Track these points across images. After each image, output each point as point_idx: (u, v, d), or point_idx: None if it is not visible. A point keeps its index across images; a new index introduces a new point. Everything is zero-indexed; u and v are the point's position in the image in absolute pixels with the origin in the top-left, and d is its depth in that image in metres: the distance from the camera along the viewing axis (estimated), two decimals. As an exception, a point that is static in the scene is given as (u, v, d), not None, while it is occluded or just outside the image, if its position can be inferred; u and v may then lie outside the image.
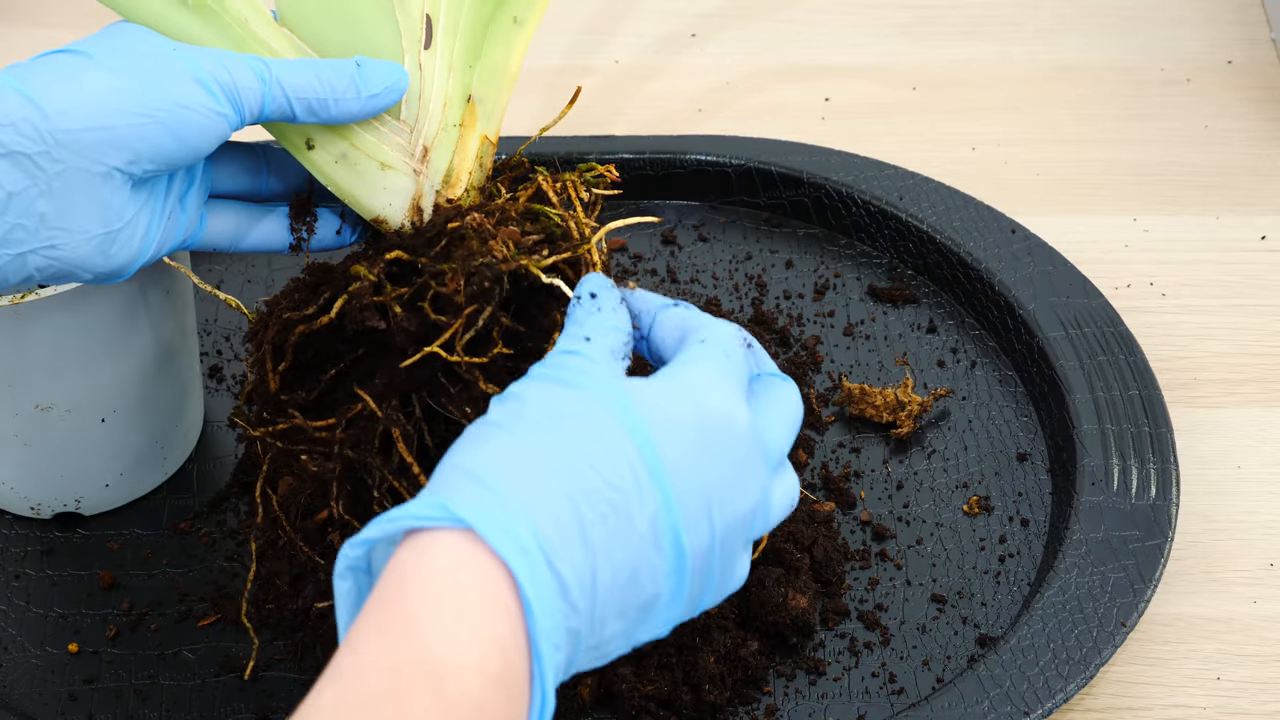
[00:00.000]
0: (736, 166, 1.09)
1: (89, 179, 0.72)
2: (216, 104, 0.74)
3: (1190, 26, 1.25)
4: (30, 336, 0.85)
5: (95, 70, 0.73)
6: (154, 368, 0.90)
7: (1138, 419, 0.94)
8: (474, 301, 0.76)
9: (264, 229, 0.82)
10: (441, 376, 0.78)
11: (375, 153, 0.79)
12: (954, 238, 1.04)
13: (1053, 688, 0.83)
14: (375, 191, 0.79)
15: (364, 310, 0.77)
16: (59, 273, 0.75)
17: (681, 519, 0.64)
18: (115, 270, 0.76)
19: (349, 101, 0.76)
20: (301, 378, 0.82)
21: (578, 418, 0.65)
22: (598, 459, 0.63)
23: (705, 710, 0.84)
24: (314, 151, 0.79)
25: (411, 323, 0.77)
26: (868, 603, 0.89)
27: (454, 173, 0.80)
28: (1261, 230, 1.10)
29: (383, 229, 0.80)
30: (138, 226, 0.76)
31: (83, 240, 0.74)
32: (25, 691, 0.86)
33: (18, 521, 0.93)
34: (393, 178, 0.79)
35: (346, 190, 0.79)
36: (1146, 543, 0.88)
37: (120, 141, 0.72)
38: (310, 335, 0.80)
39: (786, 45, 1.25)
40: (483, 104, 0.81)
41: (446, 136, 0.80)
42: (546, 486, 0.62)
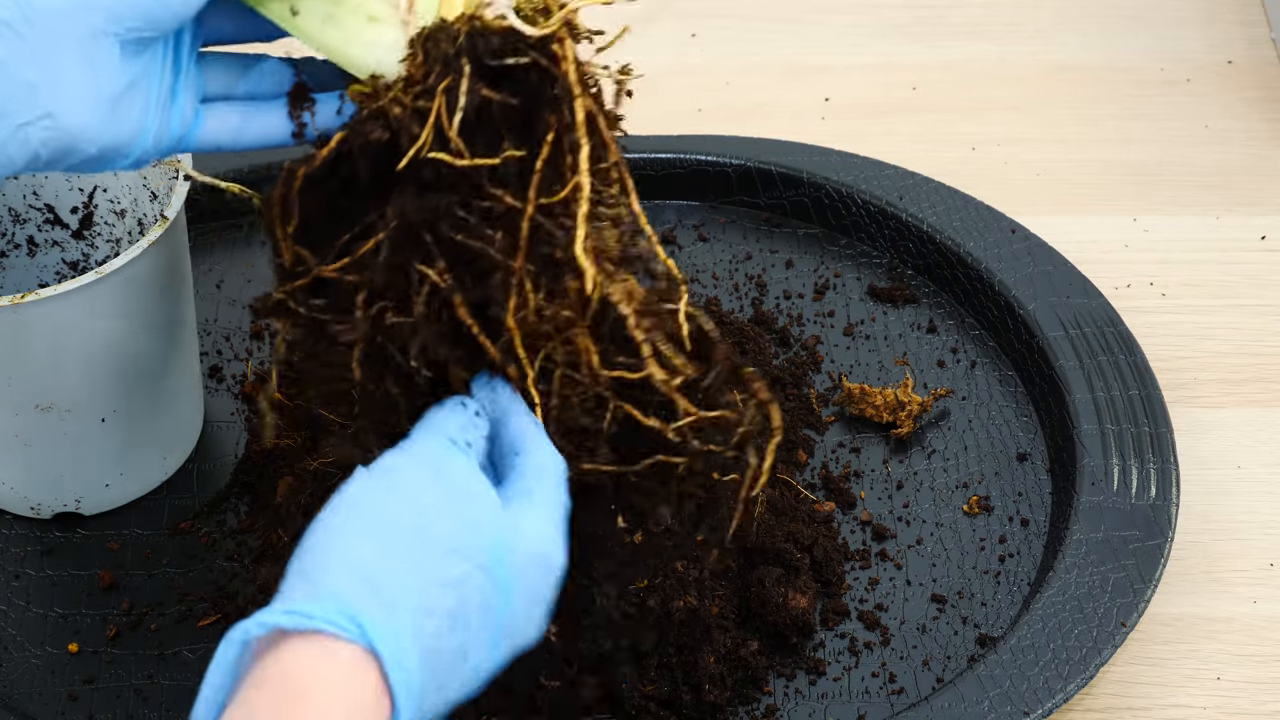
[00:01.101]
0: (736, 166, 1.09)
1: (74, 42, 0.71)
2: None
3: (1190, 26, 1.25)
4: (30, 336, 0.85)
5: None
6: (154, 368, 0.90)
7: (1138, 419, 0.94)
8: (444, 75, 0.74)
9: (262, 121, 0.80)
10: (459, 209, 0.75)
11: (360, 7, 0.76)
12: (954, 238, 1.04)
13: (1053, 688, 0.83)
14: (364, 46, 0.77)
15: (364, 124, 0.75)
16: (62, 146, 0.73)
17: (511, 630, 0.71)
18: (119, 144, 0.75)
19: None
20: (320, 248, 0.78)
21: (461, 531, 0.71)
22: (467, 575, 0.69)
23: (705, 710, 0.84)
24: (299, 17, 0.77)
25: (414, 122, 0.74)
26: (868, 603, 0.89)
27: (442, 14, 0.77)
28: (1261, 230, 1.10)
29: (378, 85, 0.77)
30: (134, 98, 0.74)
31: (79, 106, 0.72)
32: (25, 691, 0.86)
33: (18, 521, 0.93)
34: (381, 30, 0.77)
35: (337, 50, 0.77)
36: (1146, 543, 0.88)
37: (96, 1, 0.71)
38: (320, 192, 0.77)
39: (786, 45, 1.25)
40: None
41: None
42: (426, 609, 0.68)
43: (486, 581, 0.70)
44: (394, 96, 0.75)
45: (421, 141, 0.74)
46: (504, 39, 0.75)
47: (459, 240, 0.76)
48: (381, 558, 0.68)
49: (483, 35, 0.75)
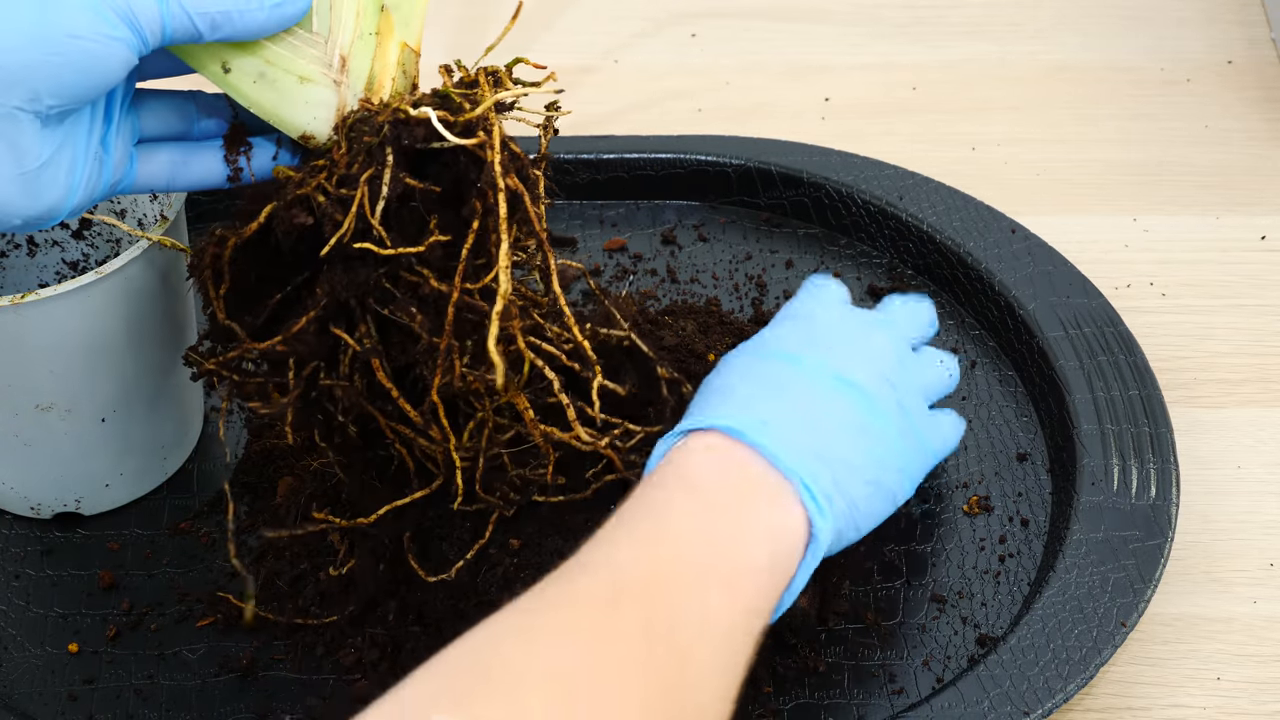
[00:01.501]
0: (736, 166, 1.09)
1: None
2: (111, 29, 0.71)
3: (1190, 26, 1.25)
4: (30, 336, 0.85)
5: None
6: (154, 367, 0.90)
7: (1138, 419, 0.94)
8: (369, 165, 0.75)
9: (198, 165, 0.80)
10: (386, 282, 0.77)
11: (292, 67, 0.77)
12: (954, 238, 1.04)
13: (1053, 688, 0.83)
14: (297, 106, 0.77)
15: (290, 208, 0.76)
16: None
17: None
18: (44, 213, 0.74)
19: (253, 12, 0.75)
20: (251, 307, 0.80)
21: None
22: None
23: (705, 710, 0.84)
24: (231, 75, 0.77)
25: (337, 210, 0.75)
26: (868, 603, 0.89)
27: (376, 79, 0.78)
28: (1261, 230, 1.10)
29: (311, 145, 0.78)
30: (59, 166, 0.74)
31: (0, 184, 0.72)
32: (25, 691, 0.86)
33: (18, 521, 0.93)
34: (314, 90, 0.77)
35: (270, 110, 0.77)
36: (1146, 543, 0.88)
37: (14, 80, 0.70)
38: (250, 255, 0.78)
39: (786, 45, 1.25)
40: (398, 10, 0.79)
41: (364, 44, 0.78)
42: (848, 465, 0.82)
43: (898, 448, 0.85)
44: (318, 184, 0.75)
45: (344, 229, 0.75)
46: (428, 128, 0.76)
47: (386, 315, 0.77)
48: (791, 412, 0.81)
49: (406, 125, 0.76)
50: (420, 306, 0.77)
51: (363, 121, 0.76)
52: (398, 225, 0.77)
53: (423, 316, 0.77)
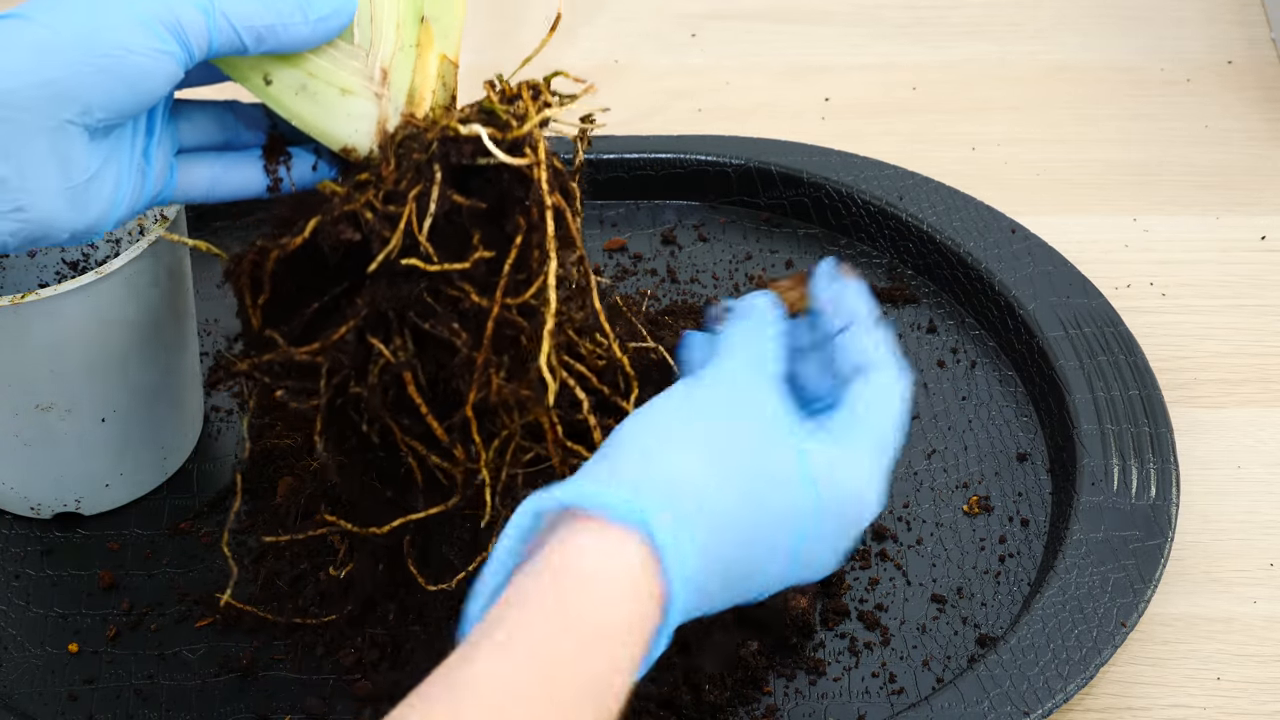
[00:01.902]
0: (736, 166, 1.09)
1: (44, 135, 0.71)
2: (161, 43, 0.72)
3: (1190, 26, 1.25)
4: (30, 336, 0.85)
5: (34, 28, 0.72)
6: (154, 367, 0.90)
7: (1138, 419, 0.94)
8: (416, 182, 0.75)
9: (238, 175, 0.81)
10: (428, 297, 0.77)
11: (333, 79, 0.77)
12: (954, 238, 1.04)
13: (1053, 688, 0.83)
14: (339, 119, 0.78)
15: (336, 223, 0.76)
16: (32, 235, 0.73)
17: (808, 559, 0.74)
18: (89, 226, 0.75)
19: (297, 26, 0.75)
20: (285, 316, 0.80)
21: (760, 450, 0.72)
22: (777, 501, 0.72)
23: (705, 710, 0.84)
24: (272, 87, 0.77)
25: (385, 227, 0.75)
26: (868, 603, 0.89)
27: (417, 92, 0.78)
28: (1261, 230, 1.10)
29: (352, 158, 0.78)
30: (105, 178, 0.74)
31: (48, 198, 0.73)
32: (25, 691, 0.86)
33: (18, 521, 0.93)
34: (355, 103, 0.78)
35: (311, 122, 0.78)
36: (1146, 543, 0.88)
37: (68, 94, 0.71)
38: (289, 265, 0.78)
39: (786, 45, 1.25)
40: (437, 22, 0.79)
41: (404, 57, 0.78)
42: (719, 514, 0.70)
43: (788, 506, 0.71)
44: (366, 200, 0.76)
45: (392, 246, 0.75)
46: (476, 145, 0.76)
47: (427, 329, 0.78)
48: (686, 463, 0.70)
49: (455, 143, 0.76)
50: (461, 321, 0.78)
51: (412, 138, 0.76)
52: (441, 240, 0.77)
53: (465, 332, 0.78)
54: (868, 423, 0.75)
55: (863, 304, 0.78)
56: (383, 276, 0.77)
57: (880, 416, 0.75)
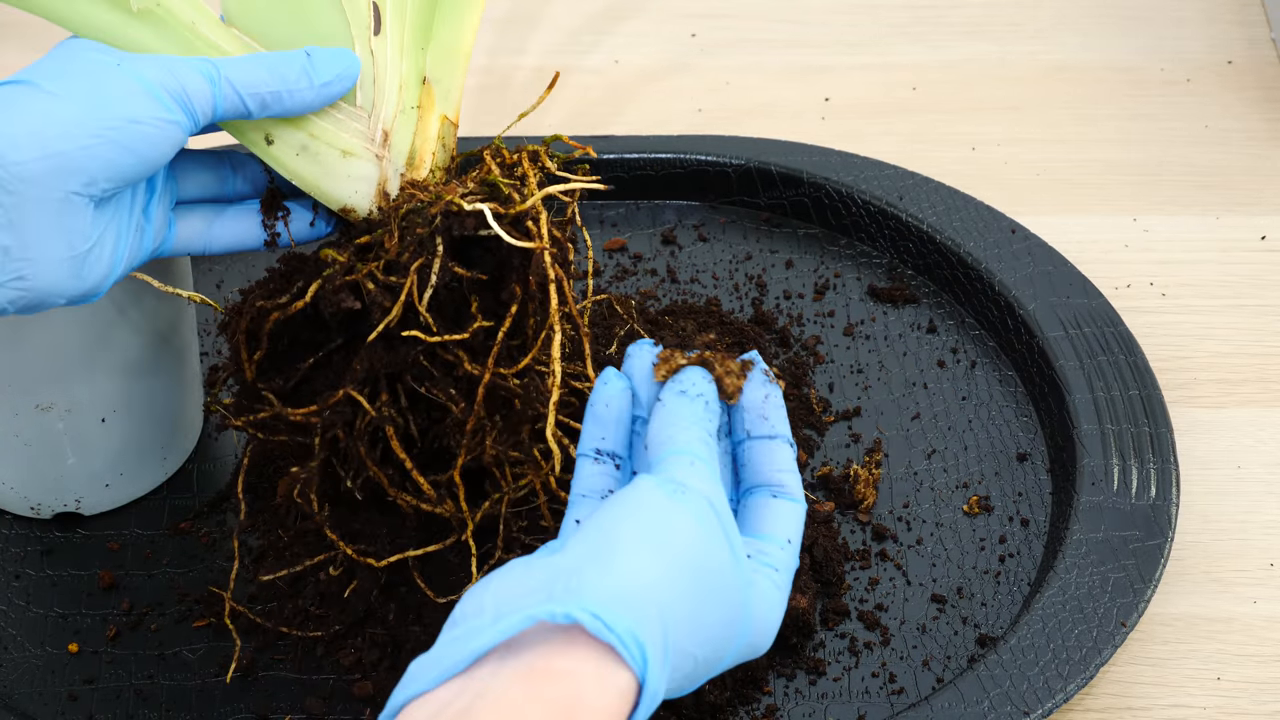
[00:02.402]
0: (736, 166, 1.09)
1: (48, 206, 0.71)
2: (167, 112, 0.73)
3: (1190, 26, 1.25)
4: (30, 336, 0.85)
5: (41, 98, 0.72)
6: (154, 368, 0.90)
7: (1138, 419, 0.94)
8: (419, 255, 0.76)
9: (235, 228, 0.82)
10: (424, 360, 0.78)
11: (335, 140, 0.78)
12: (954, 238, 1.04)
13: (1053, 688, 0.83)
14: (339, 180, 0.79)
15: (338, 292, 0.77)
16: (31, 303, 0.74)
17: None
18: (88, 291, 0.75)
19: (302, 92, 0.76)
20: (279, 366, 0.81)
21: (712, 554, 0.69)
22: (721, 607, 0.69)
23: (705, 710, 0.84)
24: (274, 146, 0.78)
25: (385, 297, 0.76)
26: (868, 603, 0.89)
27: (417, 154, 0.79)
28: (1261, 230, 1.10)
29: (351, 219, 0.79)
30: (105, 245, 0.75)
31: (50, 267, 0.73)
32: (25, 691, 0.86)
33: (18, 521, 0.93)
34: (356, 164, 0.78)
35: (311, 182, 0.79)
36: (1146, 543, 0.88)
37: (74, 166, 0.71)
38: (286, 323, 0.79)
39: (786, 45, 1.25)
40: (439, 84, 0.80)
41: (405, 119, 0.79)
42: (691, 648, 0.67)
43: (735, 642, 0.69)
44: (368, 271, 0.77)
45: (392, 317, 0.77)
46: (478, 220, 0.77)
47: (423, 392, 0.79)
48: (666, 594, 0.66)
49: (458, 217, 0.77)
50: (457, 386, 0.79)
51: (415, 213, 0.77)
52: (438, 306, 0.78)
53: (461, 397, 0.79)
54: (792, 554, 0.73)
55: (785, 417, 0.76)
56: (379, 342, 0.78)
57: (797, 548, 0.74)
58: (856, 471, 0.94)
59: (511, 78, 1.19)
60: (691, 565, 0.67)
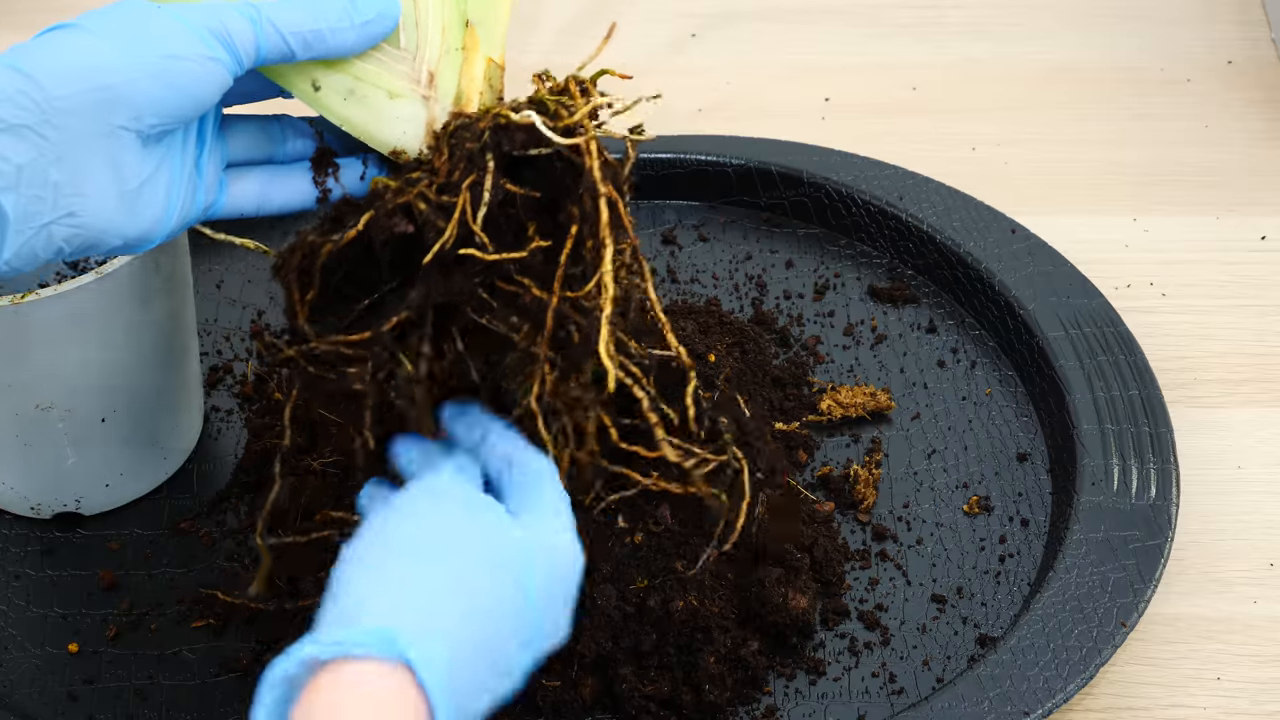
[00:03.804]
0: (736, 166, 1.09)
1: (96, 141, 0.72)
2: (208, 49, 0.73)
3: (1190, 26, 1.25)
4: (30, 336, 0.85)
5: (83, 36, 0.72)
6: (154, 368, 0.90)
7: (1138, 419, 0.94)
8: (470, 171, 0.75)
9: (287, 187, 0.81)
10: (482, 291, 0.76)
11: (381, 82, 0.78)
12: (954, 238, 1.04)
13: (1053, 688, 0.83)
14: (388, 121, 0.78)
15: (390, 216, 0.76)
16: (87, 241, 0.74)
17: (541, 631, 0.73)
18: (143, 234, 0.75)
19: (344, 31, 0.76)
20: (333, 312, 0.79)
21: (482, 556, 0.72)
22: (496, 600, 0.71)
23: (705, 710, 0.84)
24: (320, 93, 0.78)
25: (439, 217, 0.75)
26: (868, 603, 0.89)
27: (464, 95, 0.79)
28: (1261, 230, 1.10)
29: (402, 160, 0.78)
30: (158, 185, 0.75)
31: (102, 203, 0.73)
32: (25, 691, 0.86)
33: (18, 521, 0.93)
34: (403, 105, 0.78)
35: (360, 126, 0.78)
36: (1146, 543, 0.88)
37: (119, 99, 0.72)
38: (339, 264, 0.77)
39: (786, 45, 1.25)
40: (482, 26, 0.80)
41: (450, 60, 0.79)
42: (460, 618, 0.69)
43: (514, 589, 0.71)
44: (419, 191, 0.75)
45: (447, 236, 0.75)
46: (528, 134, 0.76)
47: (484, 322, 0.77)
48: (411, 575, 0.69)
49: (507, 131, 0.76)
50: (520, 316, 0.77)
51: (463, 128, 0.76)
52: (494, 233, 0.76)
53: (520, 326, 0.77)
54: (540, 494, 0.76)
55: (486, 419, 0.79)
56: (435, 269, 0.76)
57: (546, 487, 0.76)
58: (856, 471, 0.94)
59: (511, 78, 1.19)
60: (423, 549, 0.71)
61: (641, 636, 0.83)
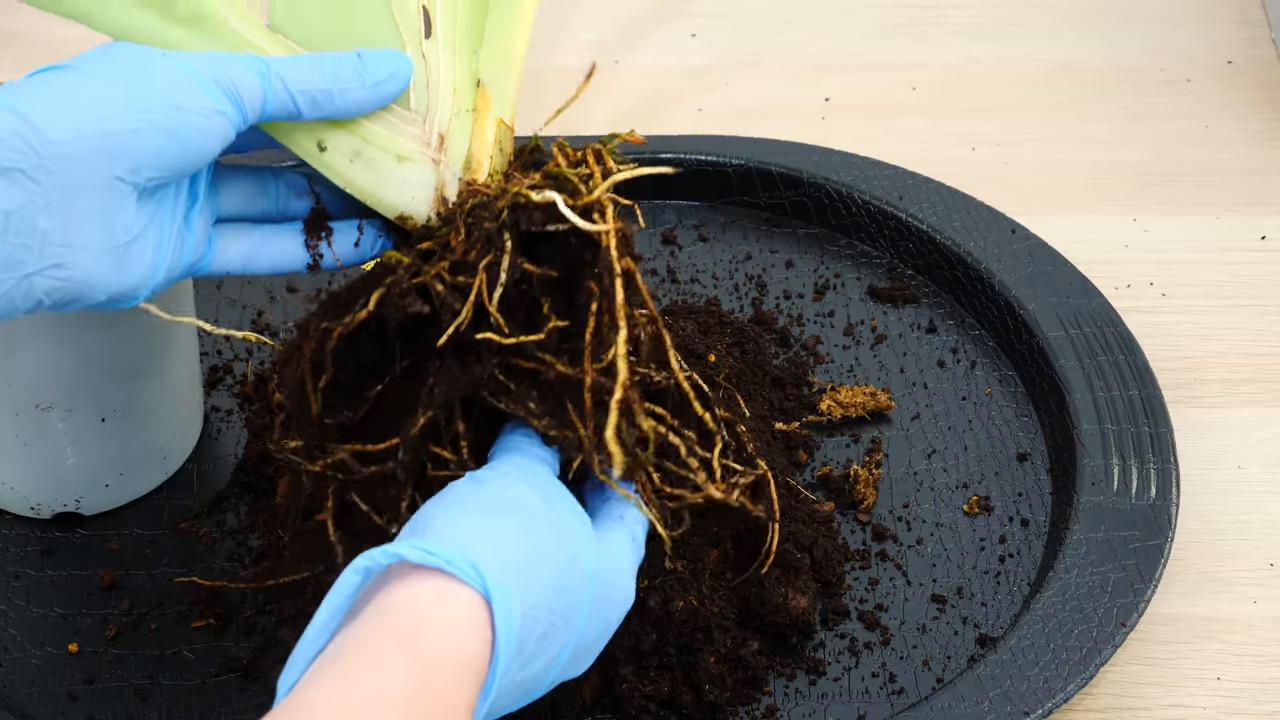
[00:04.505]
0: (736, 166, 1.09)
1: (90, 191, 0.69)
2: (215, 102, 0.71)
3: (1190, 26, 1.25)
4: (30, 336, 0.85)
5: (85, 81, 0.70)
6: (154, 368, 0.90)
7: (1138, 419, 0.94)
8: (487, 251, 0.73)
9: (276, 248, 0.78)
10: (500, 374, 0.74)
11: (390, 145, 0.75)
12: (954, 238, 1.04)
13: (1053, 688, 0.83)
14: (395, 186, 0.75)
15: (404, 296, 0.73)
16: (69, 295, 0.71)
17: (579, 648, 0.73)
18: (128, 290, 0.73)
19: (354, 91, 0.74)
20: (344, 399, 0.77)
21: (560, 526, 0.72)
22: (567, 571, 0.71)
23: (705, 710, 0.84)
24: (326, 153, 0.75)
25: (455, 298, 0.73)
26: (868, 603, 0.89)
27: (474, 158, 0.76)
28: (1261, 230, 1.10)
29: (408, 226, 0.76)
30: (147, 241, 0.72)
31: (90, 257, 0.70)
32: (25, 691, 0.86)
33: (18, 521, 0.93)
34: (412, 169, 0.75)
35: (366, 189, 0.76)
36: (1146, 543, 0.88)
37: (119, 149, 0.69)
38: (351, 347, 0.75)
39: (786, 45, 1.25)
40: (493, 87, 0.77)
41: (461, 122, 0.77)
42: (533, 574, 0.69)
43: (580, 593, 0.70)
44: (436, 272, 0.73)
45: (463, 318, 0.73)
46: (547, 212, 0.73)
47: (501, 406, 0.75)
48: (499, 532, 0.69)
49: (525, 210, 0.73)
50: (540, 395, 0.75)
51: (481, 207, 0.74)
52: (508, 312, 0.74)
53: (539, 407, 0.75)
54: (631, 532, 0.76)
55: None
56: (450, 356, 0.74)
57: (639, 531, 0.76)
58: (856, 471, 0.94)
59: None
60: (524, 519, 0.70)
61: (641, 636, 0.83)
